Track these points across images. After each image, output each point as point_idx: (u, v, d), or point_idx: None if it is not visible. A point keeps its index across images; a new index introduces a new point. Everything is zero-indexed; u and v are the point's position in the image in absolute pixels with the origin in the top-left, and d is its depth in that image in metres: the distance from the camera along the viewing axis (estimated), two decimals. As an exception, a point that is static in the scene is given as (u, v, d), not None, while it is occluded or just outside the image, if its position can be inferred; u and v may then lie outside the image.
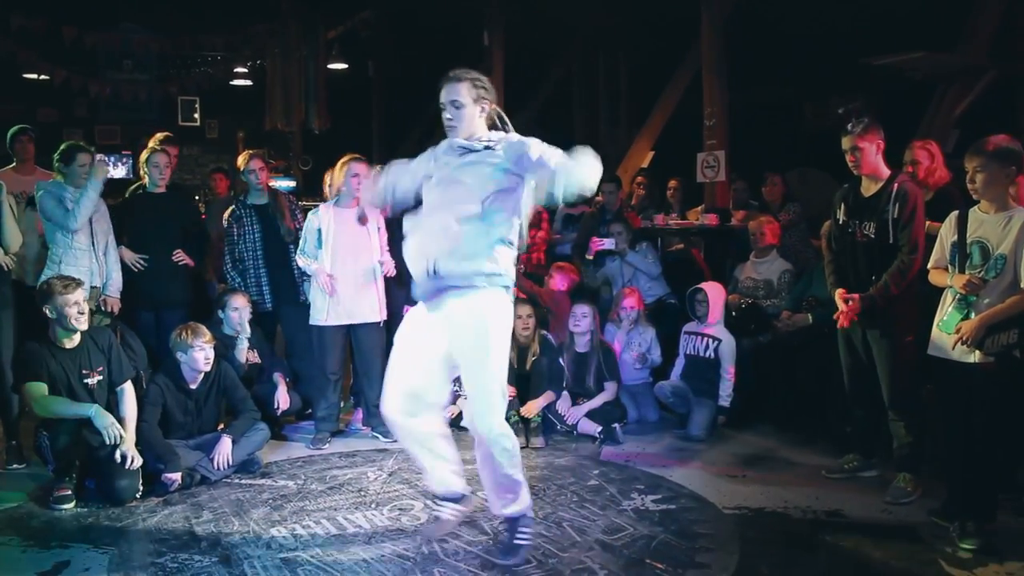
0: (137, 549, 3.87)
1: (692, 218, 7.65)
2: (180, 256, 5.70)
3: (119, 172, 12.31)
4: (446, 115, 3.53)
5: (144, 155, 5.79)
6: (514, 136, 3.52)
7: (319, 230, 5.35)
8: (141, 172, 5.84)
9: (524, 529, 3.69)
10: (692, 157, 8.19)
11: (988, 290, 3.80)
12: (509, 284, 3.54)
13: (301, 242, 5.46)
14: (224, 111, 14.10)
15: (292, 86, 11.45)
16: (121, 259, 5.49)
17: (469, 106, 3.49)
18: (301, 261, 5.46)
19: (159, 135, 6.47)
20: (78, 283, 4.58)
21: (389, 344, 5.60)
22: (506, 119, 3.60)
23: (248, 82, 12.71)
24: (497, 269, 3.47)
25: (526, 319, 5.59)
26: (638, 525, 4.07)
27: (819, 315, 5.29)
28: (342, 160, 5.45)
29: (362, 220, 5.34)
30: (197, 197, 7.48)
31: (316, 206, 5.66)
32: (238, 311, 5.46)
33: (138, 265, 5.60)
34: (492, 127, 3.58)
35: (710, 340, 5.79)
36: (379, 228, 5.48)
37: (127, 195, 5.96)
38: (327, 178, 5.88)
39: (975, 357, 3.80)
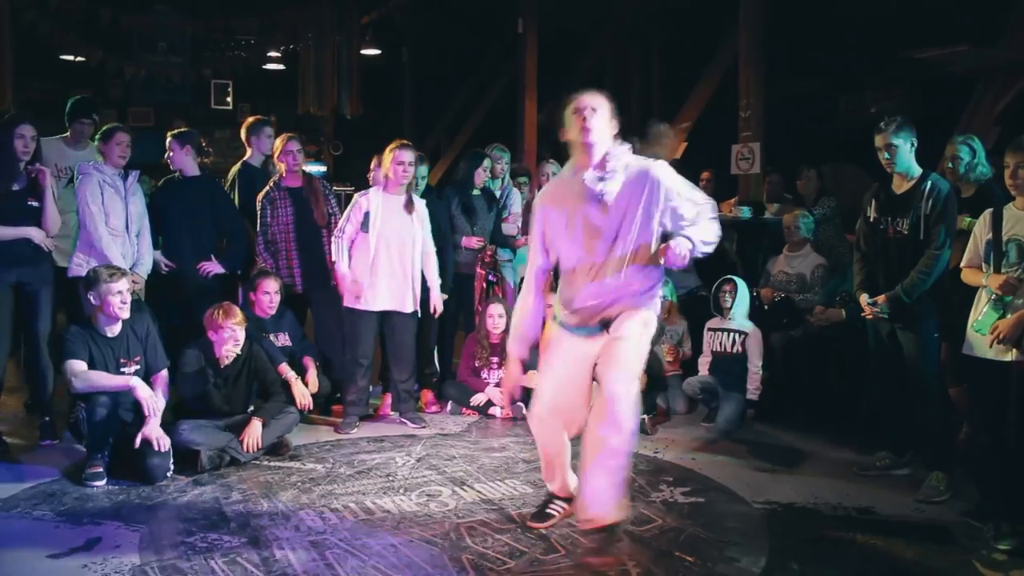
0: (167, 528, 3.91)
1: (725, 210, 7.58)
2: (209, 268, 5.71)
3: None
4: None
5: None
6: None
7: (367, 213, 5.36)
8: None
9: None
10: (725, 149, 8.11)
11: (1022, 292, 3.74)
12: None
13: (343, 221, 5.43)
14: (257, 95, 14.15)
15: (325, 71, 11.47)
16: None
17: (607, 118, 3.53)
18: (335, 247, 5.41)
19: (249, 118, 6.59)
20: (123, 272, 4.66)
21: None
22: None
23: (281, 66, 12.76)
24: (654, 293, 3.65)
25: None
26: (667, 517, 4.05)
27: (853, 310, 5.24)
28: (390, 146, 5.46)
29: (408, 208, 5.37)
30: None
31: (345, 191, 5.67)
32: (269, 295, 5.49)
33: (165, 269, 5.66)
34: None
35: (736, 335, 5.75)
36: (423, 220, 5.50)
37: (162, 181, 6.01)
38: (374, 162, 5.89)
39: (1012, 356, 3.75)
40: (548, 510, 3.92)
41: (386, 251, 5.37)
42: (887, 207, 4.46)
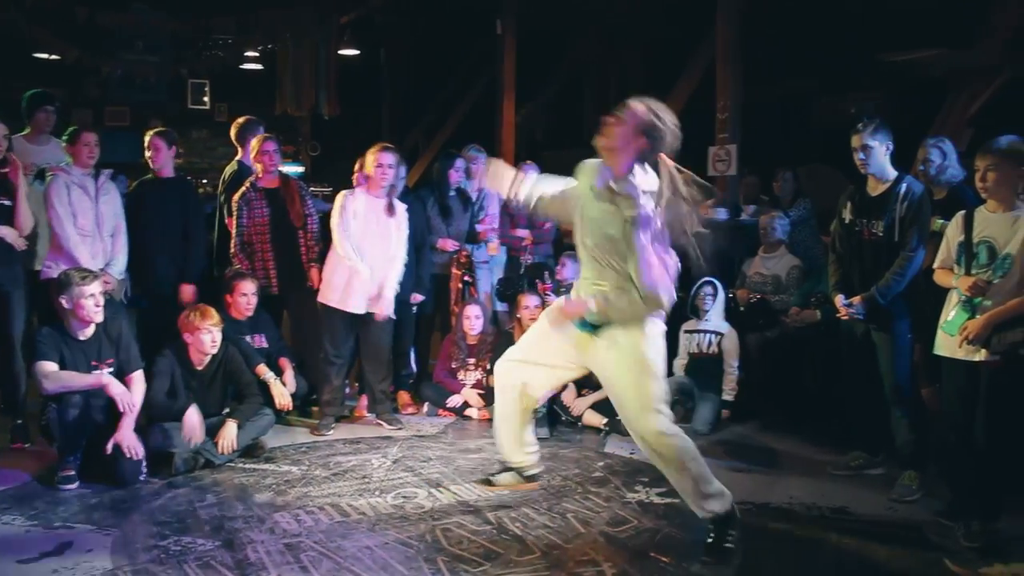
0: (140, 531, 3.87)
1: (701, 211, 7.58)
2: (187, 298, 5.60)
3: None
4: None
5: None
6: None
7: (354, 213, 5.34)
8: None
9: (732, 531, 3.62)
10: (703, 150, 8.14)
11: (994, 291, 3.78)
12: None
13: (337, 218, 5.33)
14: (234, 95, 14.06)
15: (303, 71, 11.42)
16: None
17: (629, 131, 3.46)
18: (345, 250, 5.31)
19: (240, 119, 6.54)
20: (95, 275, 4.60)
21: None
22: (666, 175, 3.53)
23: (259, 66, 12.68)
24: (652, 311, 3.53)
25: (533, 310, 5.59)
26: (642, 518, 4.07)
27: (827, 311, 5.27)
28: (373, 148, 5.45)
29: (388, 212, 5.36)
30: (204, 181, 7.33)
31: (323, 192, 5.64)
32: (246, 296, 5.46)
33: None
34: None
35: (712, 336, 5.77)
36: (400, 225, 5.47)
37: (137, 182, 5.95)
38: (358, 164, 5.85)
39: (981, 355, 3.79)
40: (498, 477, 4.10)
41: (363, 253, 5.34)
42: (862, 209, 4.50)
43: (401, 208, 5.52)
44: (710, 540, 3.61)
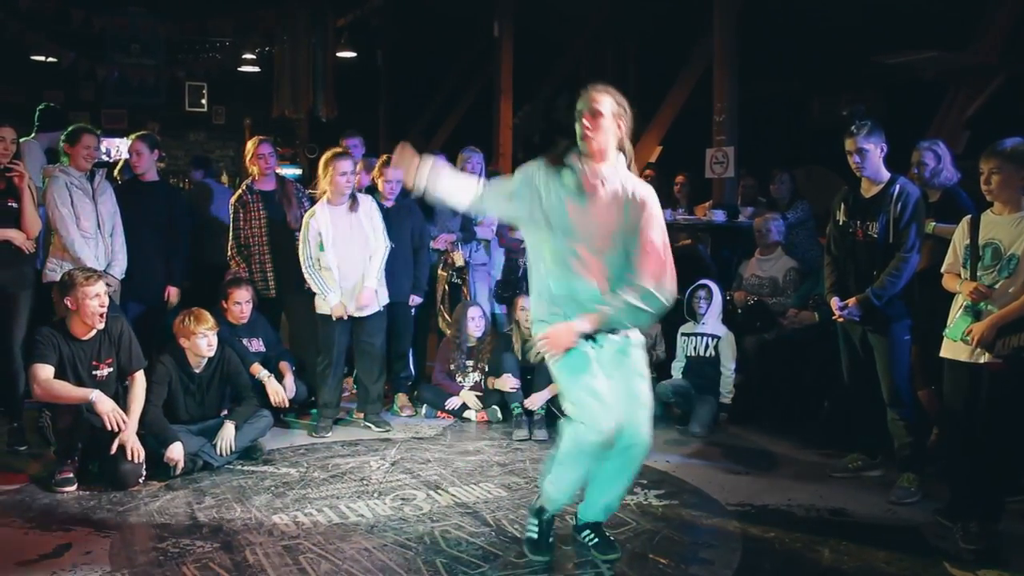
0: (139, 534, 3.88)
1: (699, 214, 7.62)
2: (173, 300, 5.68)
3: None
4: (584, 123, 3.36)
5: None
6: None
7: (320, 233, 5.31)
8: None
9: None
10: (700, 152, 8.15)
11: (999, 293, 3.79)
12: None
13: (304, 248, 5.35)
14: (231, 97, 14.08)
15: (300, 73, 11.40)
16: None
17: (608, 118, 3.40)
18: (313, 281, 5.35)
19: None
20: (100, 275, 4.61)
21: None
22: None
23: (256, 68, 12.69)
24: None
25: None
26: (641, 520, 4.06)
27: (825, 313, 5.26)
28: (324, 157, 5.41)
29: (352, 208, 5.33)
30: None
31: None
32: (240, 305, 5.45)
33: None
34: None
35: (709, 339, 5.77)
36: (371, 216, 5.44)
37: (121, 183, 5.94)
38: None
39: (985, 358, 3.79)
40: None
41: (344, 263, 5.34)
42: (856, 211, 4.51)
43: (365, 200, 5.48)
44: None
